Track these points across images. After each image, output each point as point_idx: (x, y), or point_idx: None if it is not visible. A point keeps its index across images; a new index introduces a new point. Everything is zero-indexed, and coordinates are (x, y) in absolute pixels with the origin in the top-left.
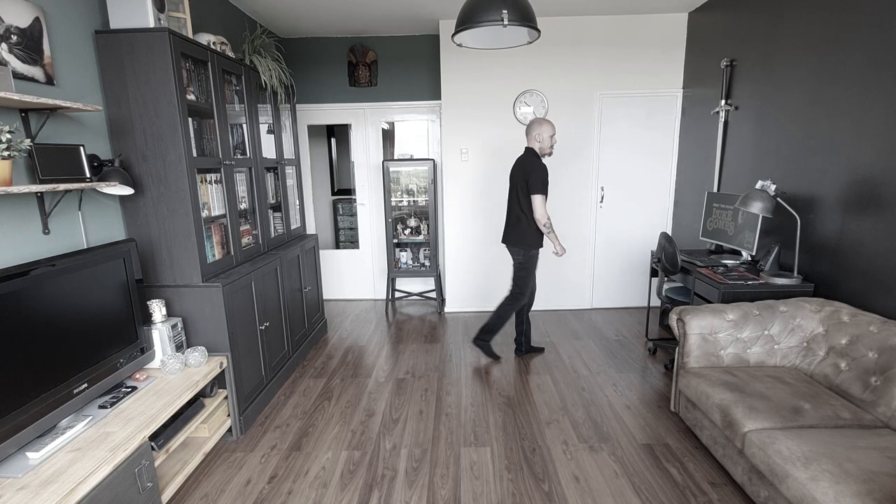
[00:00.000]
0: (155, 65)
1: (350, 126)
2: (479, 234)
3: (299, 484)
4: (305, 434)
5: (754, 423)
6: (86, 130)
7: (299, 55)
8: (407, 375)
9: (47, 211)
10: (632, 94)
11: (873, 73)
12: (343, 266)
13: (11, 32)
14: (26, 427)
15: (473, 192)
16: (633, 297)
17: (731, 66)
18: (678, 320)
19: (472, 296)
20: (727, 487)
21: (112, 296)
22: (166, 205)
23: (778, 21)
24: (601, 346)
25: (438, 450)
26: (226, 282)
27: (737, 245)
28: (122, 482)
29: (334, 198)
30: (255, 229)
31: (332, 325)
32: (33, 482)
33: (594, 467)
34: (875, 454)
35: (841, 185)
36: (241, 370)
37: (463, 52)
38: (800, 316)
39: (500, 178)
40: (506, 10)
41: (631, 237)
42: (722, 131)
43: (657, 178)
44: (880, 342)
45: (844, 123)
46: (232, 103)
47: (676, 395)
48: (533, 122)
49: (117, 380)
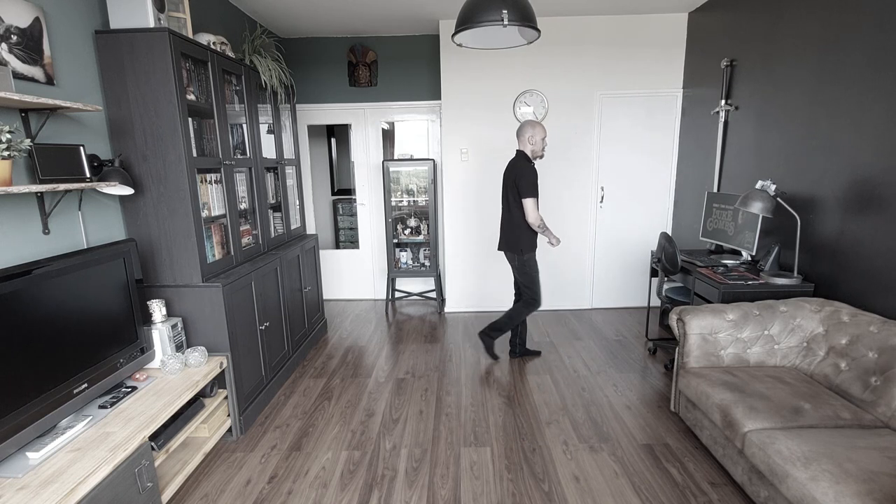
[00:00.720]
0: (155, 65)
1: (350, 126)
2: (479, 234)
3: (299, 484)
4: (305, 434)
5: (754, 423)
6: (86, 130)
7: (299, 55)
8: (407, 375)
9: (47, 211)
10: (632, 93)
11: (873, 73)
12: (343, 266)
13: (11, 32)
14: (26, 427)
15: (473, 192)
16: (633, 297)
17: (731, 66)
18: (678, 320)
19: (472, 296)
20: (727, 487)
21: (112, 296)
22: (166, 205)
23: (778, 21)
24: (601, 346)
25: (438, 450)
26: (226, 282)
27: (737, 245)
28: (122, 482)
29: (334, 198)
30: (255, 229)
31: (332, 325)
32: (33, 482)
33: (594, 467)
34: (875, 454)
35: (841, 185)
36: (241, 370)
37: (463, 52)
38: (800, 316)
39: (500, 178)
40: (506, 10)
41: (631, 237)
42: (722, 131)
43: (657, 178)
44: (880, 342)
45: (844, 123)
46: (232, 103)
47: (676, 395)
48: (525, 125)
49: (117, 380)
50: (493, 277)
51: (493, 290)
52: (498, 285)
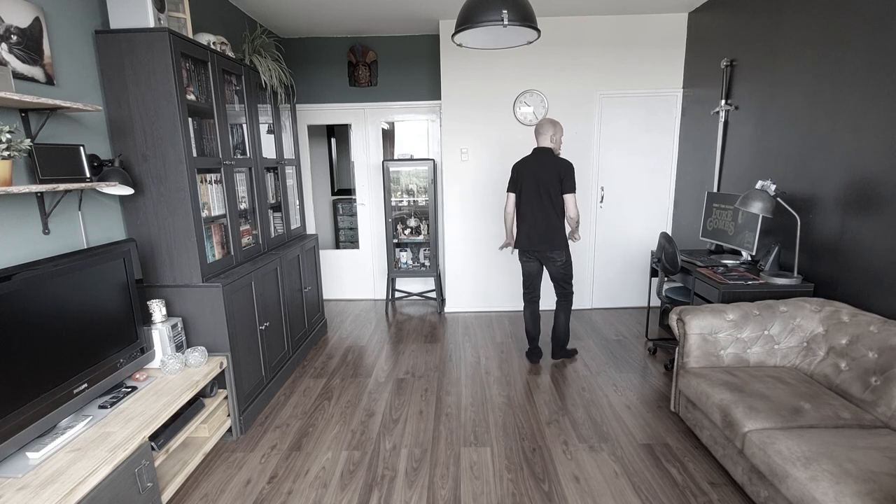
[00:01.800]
0: (155, 65)
1: (350, 126)
2: (480, 233)
3: (299, 484)
4: (305, 434)
5: (754, 423)
6: (86, 130)
7: (299, 55)
8: (407, 375)
9: (47, 211)
10: (632, 94)
11: (873, 74)
12: (343, 266)
13: (11, 32)
14: (26, 427)
15: (473, 191)
16: (633, 297)
17: (731, 66)
18: (678, 320)
19: (473, 296)
20: (727, 487)
21: (112, 296)
22: (166, 205)
23: (778, 21)
24: (601, 346)
25: (438, 450)
26: (226, 282)
27: (737, 245)
28: (122, 482)
29: (334, 198)
30: (255, 229)
31: (332, 325)
32: (33, 482)
33: (594, 467)
34: (875, 454)
35: (841, 185)
36: (241, 370)
37: (463, 52)
38: (800, 316)
39: (501, 178)
40: (506, 10)
41: (631, 237)
42: (722, 131)
43: (657, 178)
44: (880, 342)
45: (844, 123)
46: (232, 103)
47: (676, 395)
48: (546, 123)
49: (117, 380)
50: (493, 277)
51: (493, 290)
52: (498, 285)
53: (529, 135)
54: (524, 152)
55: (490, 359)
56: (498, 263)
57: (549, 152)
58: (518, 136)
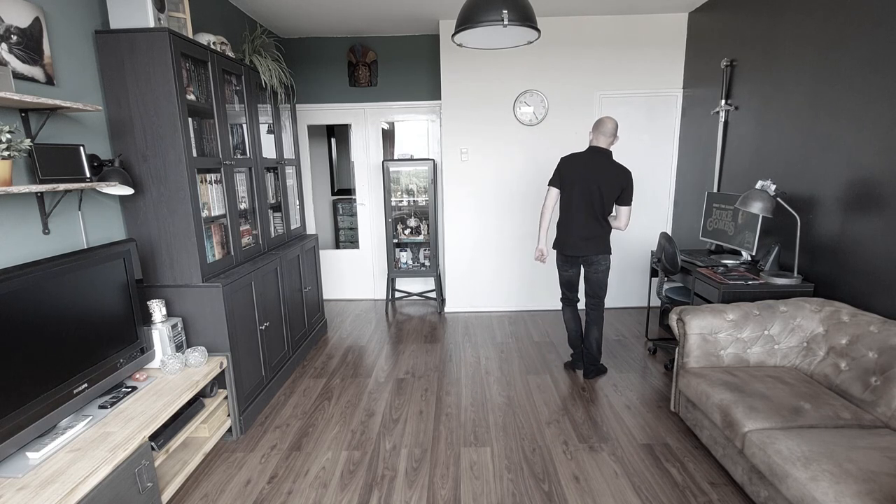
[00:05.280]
0: (155, 65)
1: (350, 126)
2: (480, 233)
3: (299, 484)
4: (305, 434)
5: (754, 423)
6: (86, 130)
7: (299, 55)
8: (407, 375)
9: (47, 211)
10: (632, 94)
11: (873, 74)
12: (343, 266)
13: (11, 32)
14: (26, 427)
15: (473, 191)
16: (633, 297)
17: (731, 66)
18: (678, 320)
19: (473, 296)
20: (727, 487)
21: (112, 296)
22: (166, 205)
23: (778, 21)
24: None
25: (438, 450)
26: (226, 282)
27: (737, 245)
28: (122, 482)
29: (334, 198)
30: (255, 229)
31: (332, 325)
32: (33, 482)
33: (594, 467)
34: (875, 454)
35: (841, 185)
36: (241, 370)
37: (463, 52)
38: (800, 316)
39: (501, 178)
40: (506, 10)
41: (631, 237)
42: (722, 131)
43: (657, 177)
44: (880, 342)
45: (844, 123)
46: (232, 103)
47: (676, 395)
48: (609, 122)
49: (117, 380)
50: (493, 277)
51: (493, 290)
52: (498, 285)
53: (530, 135)
54: (524, 152)
55: (490, 359)
56: (498, 263)
57: (608, 155)
58: (518, 135)
